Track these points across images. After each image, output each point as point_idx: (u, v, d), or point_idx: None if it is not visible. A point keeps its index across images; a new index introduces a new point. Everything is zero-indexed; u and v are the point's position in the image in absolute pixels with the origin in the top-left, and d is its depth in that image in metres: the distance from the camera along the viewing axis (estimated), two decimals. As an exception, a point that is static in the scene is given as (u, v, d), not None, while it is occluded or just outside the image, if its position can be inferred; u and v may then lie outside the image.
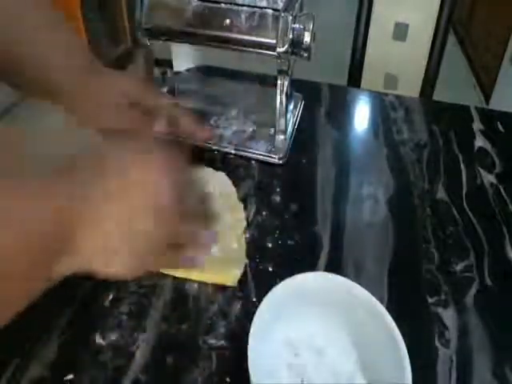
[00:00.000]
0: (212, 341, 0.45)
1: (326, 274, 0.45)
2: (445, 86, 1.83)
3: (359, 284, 0.42)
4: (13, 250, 0.28)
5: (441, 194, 0.62)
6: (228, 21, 0.61)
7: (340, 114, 0.77)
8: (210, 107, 0.74)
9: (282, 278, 0.42)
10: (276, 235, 0.55)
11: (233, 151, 0.67)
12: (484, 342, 0.46)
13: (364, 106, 0.81)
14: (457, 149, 0.69)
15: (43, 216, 0.30)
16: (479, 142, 0.71)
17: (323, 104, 0.78)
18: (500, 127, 0.74)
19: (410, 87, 1.71)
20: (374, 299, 0.41)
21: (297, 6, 0.60)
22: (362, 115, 0.79)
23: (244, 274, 0.51)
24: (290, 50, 0.59)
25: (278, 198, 0.61)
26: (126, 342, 0.45)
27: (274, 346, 0.42)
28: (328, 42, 1.83)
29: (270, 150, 0.66)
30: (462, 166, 0.66)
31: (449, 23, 1.59)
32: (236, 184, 0.62)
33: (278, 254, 0.53)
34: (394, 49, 1.68)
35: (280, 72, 0.63)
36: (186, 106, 0.53)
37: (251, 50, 0.62)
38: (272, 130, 0.69)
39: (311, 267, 0.52)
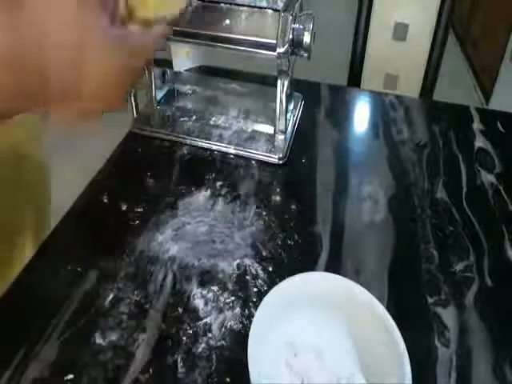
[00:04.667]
0: (212, 341, 0.45)
1: (326, 273, 0.45)
2: (445, 86, 1.84)
3: (359, 284, 0.42)
4: None
5: (441, 193, 0.62)
6: (228, 21, 0.61)
7: (340, 114, 0.77)
8: (210, 107, 0.74)
9: (282, 278, 0.42)
10: (276, 235, 0.55)
11: (233, 151, 0.67)
12: (484, 341, 0.46)
13: (364, 106, 0.81)
14: (457, 149, 0.69)
15: None
16: (479, 142, 0.71)
17: (323, 104, 0.78)
18: (500, 127, 0.74)
19: (409, 87, 1.71)
20: (374, 299, 0.41)
21: (297, 5, 0.60)
22: (362, 115, 0.79)
23: (244, 274, 0.51)
24: (289, 49, 0.59)
25: (278, 198, 0.61)
26: (126, 341, 0.45)
27: (274, 346, 0.42)
28: (328, 41, 1.83)
29: (270, 149, 0.66)
30: (462, 165, 0.66)
31: (449, 23, 1.59)
32: (236, 184, 0.62)
33: (278, 253, 0.53)
34: (394, 49, 1.68)
35: (280, 72, 0.63)
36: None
37: (251, 49, 0.62)
38: (272, 130, 0.69)
39: (311, 267, 0.52)
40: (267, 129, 0.70)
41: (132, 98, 0.71)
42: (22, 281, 0.50)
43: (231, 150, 0.67)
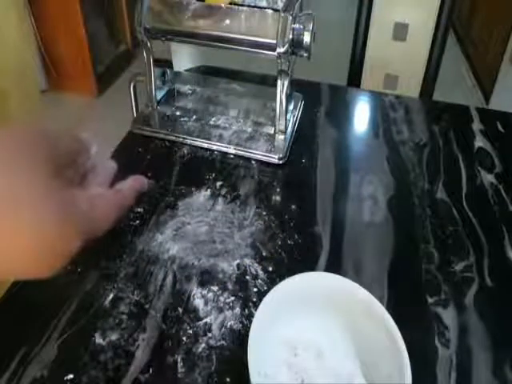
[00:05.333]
0: (212, 341, 0.45)
1: (326, 273, 0.45)
2: (445, 86, 1.84)
3: (359, 284, 0.42)
4: None
5: (441, 193, 0.62)
6: (228, 21, 0.61)
7: (340, 114, 0.77)
8: (210, 107, 0.74)
9: (282, 278, 0.42)
10: (276, 235, 0.55)
11: (233, 151, 0.67)
12: (484, 341, 0.46)
13: (364, 106, 0.81)
14: (457, 149, 0.69)
15: None
16: (479, 142, 0.71)
17: (323, 104, 0.78)
18: (500, 127, 0.74)
19: (409, 87, 1.71)
20: (374, 299, 0.41)
21: (297, 5, 0.60)
22: (361, 115, 0.79)
23: (244, 274, 0.51)
24: (290, 49, 0.59)
25: (278, 198, 0.61)
26: (126, 341, 0.45)
27: (274, 346, 0.42)
28: (328, 42, 1.83)
29: (270, 149, 0.66)
30: (462, 165, 0.66)
31: (449, 23, 1.59)
32: (236, 184, 0.62)
33: (278, 253, 0.53)
34: (394, 49, 1.68)
35: (280, 72, 0.63)
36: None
37: (251, 49, 0.62)
38: (272, 130, 0.69)
39: (311, 267, 0.52)
40: (267, 129, 0.70)
41: (132, 98, 0.71)
42: (22, 281, 0.50)
43: (231, 150, 0.67)
